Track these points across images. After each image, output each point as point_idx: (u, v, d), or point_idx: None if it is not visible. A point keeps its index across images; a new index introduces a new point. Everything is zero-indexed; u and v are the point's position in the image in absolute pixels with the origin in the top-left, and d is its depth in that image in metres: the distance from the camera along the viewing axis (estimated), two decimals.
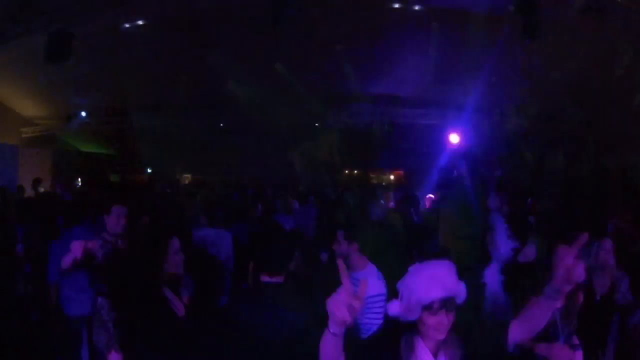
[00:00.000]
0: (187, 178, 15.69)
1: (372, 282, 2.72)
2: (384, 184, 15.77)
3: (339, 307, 1.41)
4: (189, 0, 7.82)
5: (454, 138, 11.60)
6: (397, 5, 7.96)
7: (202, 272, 3.15)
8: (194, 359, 1.99)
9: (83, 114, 13.85)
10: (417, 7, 7.94)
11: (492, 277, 3.16)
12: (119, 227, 3.38)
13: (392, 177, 16.83)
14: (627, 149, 9.82)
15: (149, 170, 15.69)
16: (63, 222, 5.01)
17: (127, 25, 8.60)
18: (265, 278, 2.03)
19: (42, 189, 7.67)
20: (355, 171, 16.86)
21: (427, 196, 8.90)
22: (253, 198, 7.61)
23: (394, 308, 1.84)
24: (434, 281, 1.78)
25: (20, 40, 6.63)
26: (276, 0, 5.09)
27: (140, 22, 8.55)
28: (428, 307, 1.77)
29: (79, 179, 12.85)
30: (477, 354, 1.85)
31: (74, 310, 3.44)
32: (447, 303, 1.77)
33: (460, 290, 1.83)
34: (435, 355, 1.84)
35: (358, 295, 1.44)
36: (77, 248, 2.50)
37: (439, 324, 1.78)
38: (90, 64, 9.45)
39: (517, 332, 1.84)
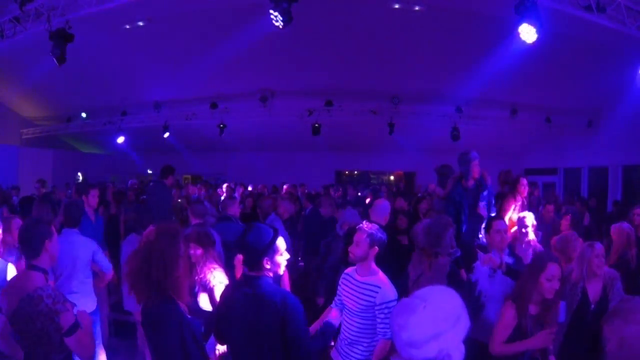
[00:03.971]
0: (187, 179, 15.67)
1: (390, 287, 2.63)
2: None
3: None
4: None
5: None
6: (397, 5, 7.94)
7: None
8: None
9: (83, 114, 13.84)
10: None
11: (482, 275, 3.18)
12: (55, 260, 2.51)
13: (392, 177, 16.84)
14: None
15: (150, 172, 15.68)
16: None
17: (127, 26, 8.61)
18: None
19: (44, 189, 7.69)
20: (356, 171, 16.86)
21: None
22: None
23: None
24: None
25: (20, 41, 6.63)
26: None
27: (140, 23, 8.55)
28: None
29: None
30: None
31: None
32: None
33: None
34: None
35: None
36: None
37: None
38: (90, 64, 9.47)
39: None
